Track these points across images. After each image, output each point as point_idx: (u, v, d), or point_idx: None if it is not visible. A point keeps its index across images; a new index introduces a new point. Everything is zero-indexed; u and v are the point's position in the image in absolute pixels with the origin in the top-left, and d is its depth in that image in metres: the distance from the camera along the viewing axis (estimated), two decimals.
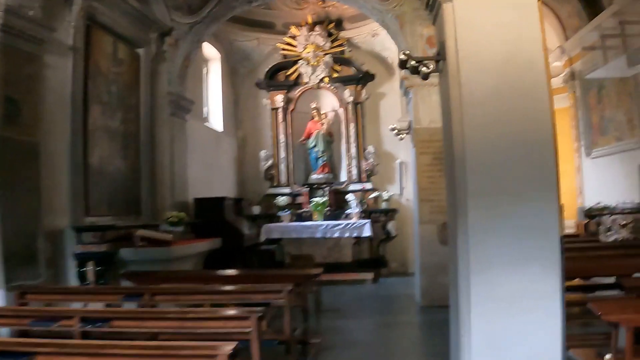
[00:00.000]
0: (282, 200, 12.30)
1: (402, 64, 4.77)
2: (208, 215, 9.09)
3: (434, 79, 8.63)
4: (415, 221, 8.83)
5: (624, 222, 12.40)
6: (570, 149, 18.75)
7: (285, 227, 11.85)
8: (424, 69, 4.72)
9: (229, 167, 12.80)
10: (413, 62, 4.74)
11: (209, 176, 11.36)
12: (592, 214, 12.85)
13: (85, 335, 4.05)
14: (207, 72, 12.64)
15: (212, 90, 12.65)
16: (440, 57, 4.62)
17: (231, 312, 3.98)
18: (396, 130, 8.94)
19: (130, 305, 5.31)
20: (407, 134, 9.01)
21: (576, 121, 17.16)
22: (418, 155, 8.57)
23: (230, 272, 6.47)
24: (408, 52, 4.83)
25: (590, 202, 16.24)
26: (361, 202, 12.31)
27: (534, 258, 4.16)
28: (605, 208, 12.80)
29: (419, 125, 8.62)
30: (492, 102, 4.24)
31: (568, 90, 17.27)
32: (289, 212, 12.22)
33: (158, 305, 5.36)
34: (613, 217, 12.59)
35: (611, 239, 12.39)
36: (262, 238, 11.76)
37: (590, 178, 16.75)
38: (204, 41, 10.96)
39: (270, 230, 11.75)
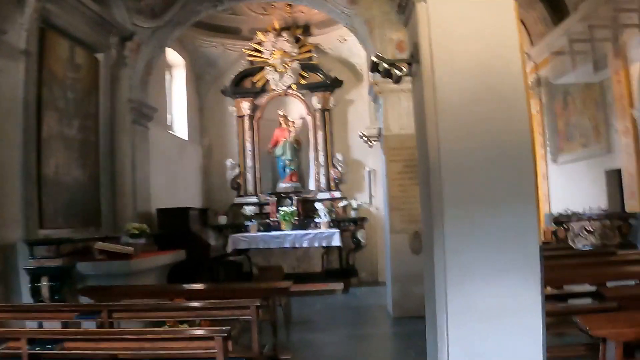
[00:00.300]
0: (249, 210, 12.00)
1: (374, 67, 4.58)
2: (172, 226, 8.75)
3: (404, 84, 8.47)
4: (386, 230, 8.65)
5: (592, 228, 12.46)
6: (536, 156, 18.92)
7: (253, 237, 11.55)
8: (396, 72, 4.54)
9: (194, 176, 12.45)
10: (385, 65, 4.55)
11: (173, 186, 11.01)
12: (560, 221, 12.89)
13: (34, 358, 3.71)
14: (171, 79, 12.30)
15: (176, 97, 12.31)
16: (413, 59, 4.44)
17: (195, 331, 3.70)
18: (365, 138, 8.76)
19: (89, 324, 4.98)
20: (376, 141, 8.84)
21: (542, 127, 17.29)
22: (388, 163, 8.40)
23: (195, 286, 6.16)
24: (380, 54, 4.65)
25: (557, 208, 16.35)
26: (330, 211, 12.10)
27: (513, 268, 4.00)
28: (573, 214, 12.86)
29: (388, 132, 8.45)
30: (468, 106, 4.08)
31: (534, 97, 17.43)
32: (256, 222, 11.93)
33: (118, 324, 5.04)
34: (581, 223, 12.65)
35: (579, 245, 12.43)
36: (229, 249, 11.43)
37: (557, 184, 16.87)
38: (167, 46, 10.64)
39: (238, 241, 11.44)
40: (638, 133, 12.02)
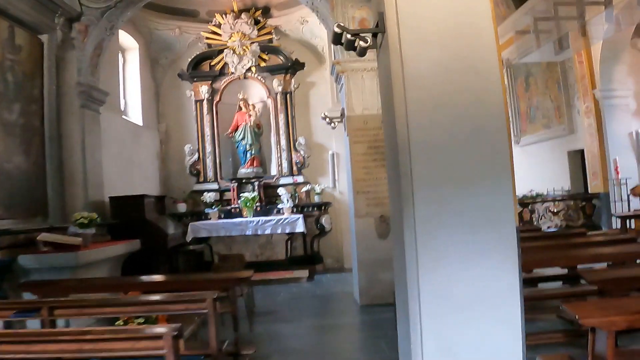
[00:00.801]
0: (209, 197, 11.55)
1: (336, 39, 4.19)
2: (126, 215, 8.25)
3: (367, 63, 8.18)
4: (351, 215, 8.34)
5: (556, 209, 12.41)
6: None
7: (213, 225, 11.11)
8: (361, 43, 4.16)
9: (150, 163, 11.91)
10: (348, 36, 4.17)
11: (128, 173, 10.48)
12: (525, 202, 12.81)
13: None
14: (124, 63, 11.70)
15: (131, 81, 11.72)
16: (379, 29, 4.08)
17: (141, 330, 3.30)
18: (327, 119, 8.40)
19: (33, 323, 4.54)
20: (339, 122, 8.49)
21: (505, 109, 17.23)
22: (352, 145, 8.07)
23: (150, 277, 5.72)
24: (342, 24, 4.27)
25: (521, 190, 16.34)
26: (293, 196, 11.74)
27: (489, 252, 3.70)
28: (538, 196, 12.79)
29: (352, 113, 8.11)
30: (438, 78, 3.74)
31: None
32: (216, 209, 11.48)
33: (67, 322, 4.60)
34: (545, 204, 12.59)
35: (544, 227, 12.38)
36: (189, 238, 10.97)
37: (520, 166, 16.82)
38: (118, 28, 10.04)
39: (198, 229, 10.99)
40: (600, 113, 11.99)
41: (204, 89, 12.33)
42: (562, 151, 13.77)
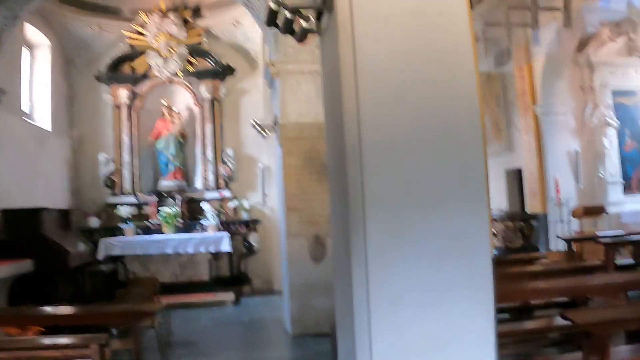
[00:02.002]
0: (124, 211, 10.32)
1: (271, 19, 3.28)
2: (20, 230, 6.99)
3: (303, 65, 7.30)
4: (282, 234, 7.40)
5: (495, 230, 11.92)
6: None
7: (128, 242, 9.89)
8: (302, 22, 3.28)
9: (59, 172, 10.55)
10: (287, 14, 3.29)
11: (29, 183, 9.14)
12: None
13: None
14: (32, 61, 10.35)
15: (39, 81, 10.37)
16: (325, 5, 3.22)
17: None
18: (258, 127, 7.48)
19: None
20: (271, 132, 7.58)
21: None
22: (285, 156, 7.16)
23: (23, 310, 4.56)
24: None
25: None
26: (219, 212, 10.69)
27: (459, 290, 2.89)
28: None
29: (286, 120, 7.22)
30: (399, 67, 2.92)
31: None
32: (132, 224, 10.27)
33: None
34: None
35: None
36: (101, 256, 9.72)
37: None
38: (22, 19, 8.78)
39: (110, 246, 9.74)
40: (540, 130, 11.63)
41: (123, 93, 11.15)
42: (499, 169, 13.39)
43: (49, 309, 4.80)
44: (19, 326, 4.35)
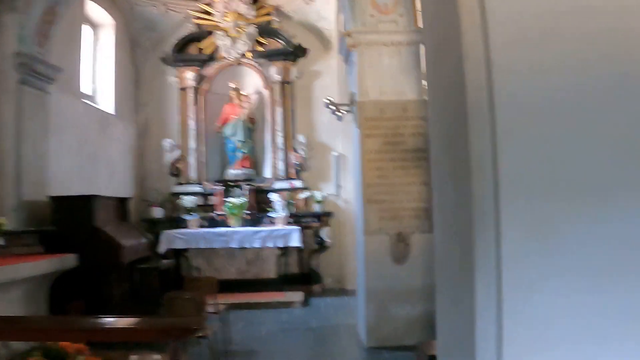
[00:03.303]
0: (188, 201, 9.59)
1: None
2: (70, 220, 6.31)
3: (385, 36, 6.21)
4: (359, 230, 6.36)
5: None
6: None
7: (192, 234, 9.16)
8: None
9: (122, 159, 9.95)
10: None
11: (91, 170, 8.55)
12: None
13: None
14: (95, 41, 9.78)
15: (102, 63, 9.79)
16: None
17: None
18: (332, 107, 6.47)
19: None
20: (347, 111, 6.55)
21: None
22: (363, 140, 6.10)
23: (54, 318, 3.76)
24: None
25: None
26: (289, 203, 9.77)
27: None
28: None
29: (365, 98, 6.16)
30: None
31: None
32: (197, 215, 9.54)
33: None
34: None
35: None
36: (163, 249, 9.05)
37: None
38: None
39: (173, 239, 9.05)
40: None
41: (190, 76, 10.42)
42: None
43: (67, 319, 3.99)
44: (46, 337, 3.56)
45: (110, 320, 3.60)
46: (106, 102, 9.61)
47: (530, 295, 1.82)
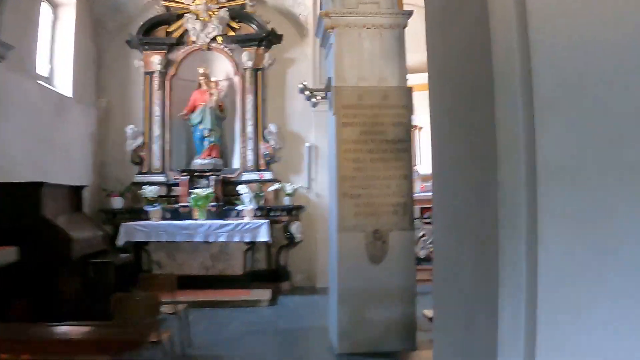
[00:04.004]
0: (150, 191, 8.97)
1: None
2: (14, 210, 5.68)
3: (366, 18, 5.68)
4: (332, 226, 5.86)
5: None
6: None
7: (154, 226, 8.54)
8: None
9: (81, 145, 9.24)
10: None
11: (44, 156, 7.87)
12: None
13: None
14: (54, 20, 9.05)
15: (61, 43, 9.06)
16: None
17: None
18: (307, 92, 5.93)
19: None
20: (323, 98, 6.04)
21: None
22: (340, 128, 5.60)
23: None
24: None
25: None
26: (257, 196, 9.24)
27: None
28: None
29: (342, 84, 5.65)
30: None
31: None
32: (160, 206, 8.93)
33: None
34: None
35: None
36: (121, 241, 8.43)
37: None
38: None
39: (132, 231, 8.43)
40: None
41: (156, 60, 9.76)
42: None
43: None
44: None
45: (47, 330, 3.04)
46: (64, 84, 8.90)
47: (577, 322, 1.35)
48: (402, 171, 5.52)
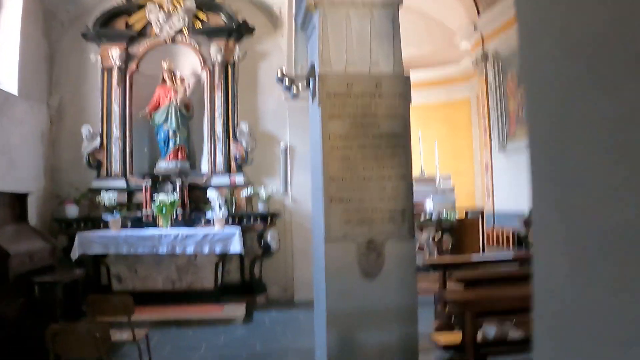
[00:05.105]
0: (108, 198, 7.95)
1: None
2: None
3: None
4: (318, 236, 4.95)
5: None
6: (470, 146, 15.98)
7: (112, 237, 7.54)
8: None
9: (29, 146, 8.15)
10: None
11: None
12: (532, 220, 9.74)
13: None
14: None
15: (5, 35, 8.00)
16: None
17: None
18: (285, 80, 5.07)
19: None
20: (305, 87, 5.17)
21: (487, 111, 14.40)
22: (325, 121, 4.71)
23: None
24: None
25: (502, 205, 13.46)
26: (228, 202, 8.29)
27: None
28: None
29: (327, 70, 4.78)
30: None
31: (477, 75, 14.49)
32: (119, 215, 7.92)
33: None
34: None
35: None
36: (75, 254, 7.41)
37: (502, 177, 13.98)
38: None
39: (88, 243, 7.41)
40: None
41: (115, 54, 8.75)
42: None
43: None
44: None
45: None
46: (8, 80, 7.84)
47: None
48: (400, 170, 4.68)
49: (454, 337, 4.29)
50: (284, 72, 5.09)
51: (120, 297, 4.43)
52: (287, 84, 5.08)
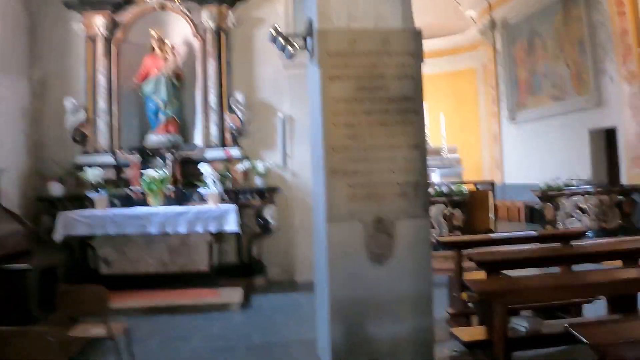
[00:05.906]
0: (93, 175, 7.30)
1: None
2: None
3: None
4: (320, 215, 4.30)
5: (585, 206, 8.78)
6: (476, 117, 15.26)
7: (99, 217, 6.91)
8: None
9: (10, 122, 7.46)
10: None
11: None
12: (549, 195, 9.11)
13: None
14: None
15: None
16: None
17: None
18: (281, 39, 4.39)
19: None
20: (302, 47, 4.49)
21: (495, 80, 13.69)
22: (326, 84, 4.05)
23: None
24: None
25: (512, 178, 12.84)
26: (224, 176, 7.65)
27: None
28: (566, 187, 9.09)
29: (328, 25, 4.10)
30: None
31: (485, 44, 13.76)
32: (106, 192, 7.29)
33: None
34: (573, 199, 8.93)
35: (573, 226, 8.80)
36: (59, 236, 6.80)
37: (513, 148, 13.33)
38: None
39: (72, 223, 6.80)
40: None
41: (100, 22, 8.01)
42: (580, 129, 10.22)
43: None
44: None
45: None
46: None
47: None
48: (411, 139, 4.03)
49: (477, 332, 3.68)
50: (279, 30, 4.39)
51: (93, 289, 3.82)
52: (282, 43, 4.38)
